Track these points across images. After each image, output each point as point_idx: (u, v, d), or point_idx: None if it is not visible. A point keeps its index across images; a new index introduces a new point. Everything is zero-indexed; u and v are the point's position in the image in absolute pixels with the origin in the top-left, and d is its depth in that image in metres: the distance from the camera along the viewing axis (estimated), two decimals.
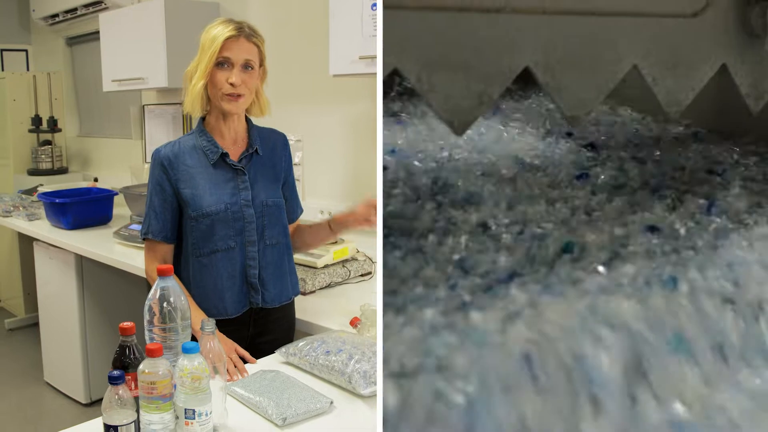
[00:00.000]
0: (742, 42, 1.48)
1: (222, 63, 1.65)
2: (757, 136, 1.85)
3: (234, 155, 1.74)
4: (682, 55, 1.40)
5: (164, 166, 1.70)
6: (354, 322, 1.82)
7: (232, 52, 1.64)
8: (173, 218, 1.72)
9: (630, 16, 1.32)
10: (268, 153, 1.80)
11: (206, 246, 1.70)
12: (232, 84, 1.64)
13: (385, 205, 1.41)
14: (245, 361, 1.62)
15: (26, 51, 5.15)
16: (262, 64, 1.72)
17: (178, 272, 1.73)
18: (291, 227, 1.89)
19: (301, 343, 1.58)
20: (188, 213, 1.70)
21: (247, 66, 1.67)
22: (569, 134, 1.93)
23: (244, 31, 1.66)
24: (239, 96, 1.67)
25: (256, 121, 1.81)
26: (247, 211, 1.72)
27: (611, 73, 1.32)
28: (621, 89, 1.40)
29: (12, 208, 3.65)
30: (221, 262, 1.71)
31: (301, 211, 1.94)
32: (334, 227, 1.86)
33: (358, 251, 2.40)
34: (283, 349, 1.60)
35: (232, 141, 1.75)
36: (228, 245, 1.71)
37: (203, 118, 1.75)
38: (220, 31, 1.64)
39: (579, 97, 1.28)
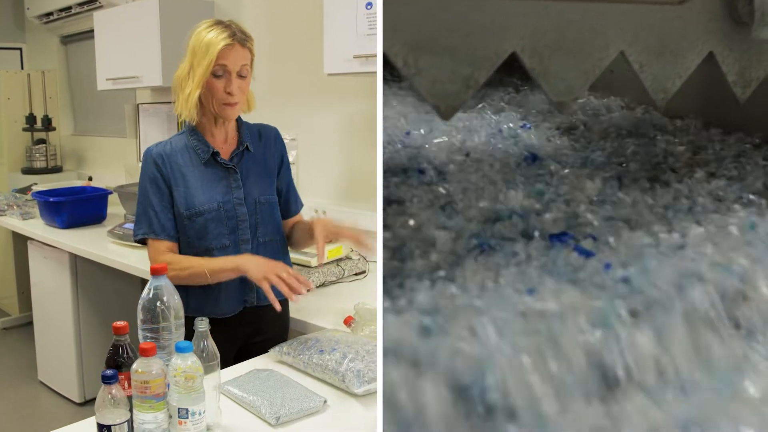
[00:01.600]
0: (730, 30, 1.48)
1: (218, 72, 1.64)
2: (744, 124, 1.86)
3: (225, 154, 1.74)
4: (669, 42, 1.41)
5: (157, 164, 1.70)
6: (348, 321, 1.82)
7: (228, 60, 1.63)
8: (173, 216, 1.71)
9: (618, 2, 1.33)
10: (260, 149, 1.80)
11: (201, 245, 1.70)
12: (229, 93, 1.65)
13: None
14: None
15: (20, 49, 5.14)
16: (251, 63, 1.72)
17: None
18: (291, 221, 1.89)
19: (294, 342, 1.58)
20: (181, 212, 1.69)
21: (242, 72, 1.67)
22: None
23: (238, 37, 1.64)
24: (236, 103, 1.67)
25: (249, 116, 1.81)
26: (240, 209, 1.72)
27: (598, 59, 1.32)
28: (608, 77, 1.41)
29: (6, 207, 3.64)
30: None
31: (301, 205, 1.93)
32: (312, 232, 1.77)
33: (352, 250, 2.40)
34: (276, 348, 1.60)
35: (223, 140, 1.75)
36: (222, 244, 1.71)
37: None
38: (214, 38, 1.62)
39: (566, 82, 1.28)
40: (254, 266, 1.62)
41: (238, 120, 1.79)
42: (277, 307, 1.57)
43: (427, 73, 1.12)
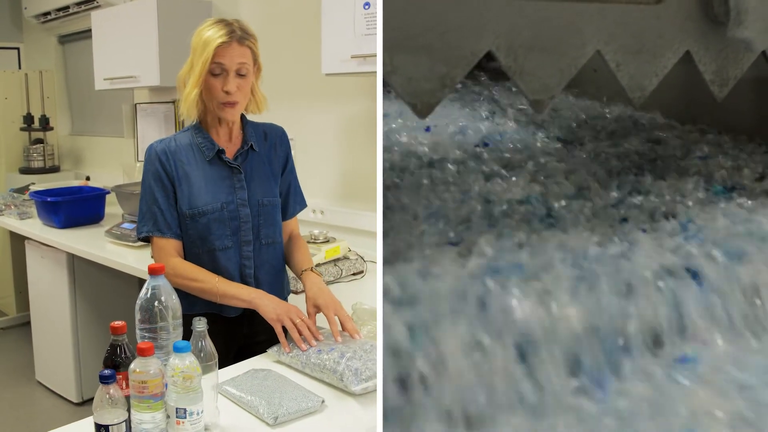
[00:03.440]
0: (706, 29, 1.49)
1: (216, 70, 1.62)
2: (721, 123, 1.88)
3: (230, 153, 1.73)
4: (646, 41, 1.42)
5: (162, 160, 1.68)
6: None
7: (225, 58, 1.61)
8: (177, 214, 1.69)
9: (594, 1, 1.33)
10: (266, 149, 1.78)
11: (204, 245, 1.69)
12: (227, 92, 1.63)
13: None
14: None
15: (18, 49, 5.13)
16: (256, 62, 1.70)
17: None
18: (288, 225, 1.88)
19: (292, 342, 1.58)
20: (184, 211, 1.68)
21: (241, 71, 1.64)
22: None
23: (236, 35, 1.62)
24: (235, 103, 1.65)
25: (254, 116, 1.80)
26: (243, 210, 1.72)
27: (574, 57, 1.32)
28: (590, 76, 1.41)
29: (3, 207, 3.63)
30: (218, 261, 1.70)
31: (301, 207, 1.91)
32: (303, 280, 1.76)
33: (350, 250, 2.40)
34: (275, 347, 1.60)
35: (227, 139, 1.74)
36: (225, 245, 1.70)
37: (198, 117, 1.73)
38: (211, 36, 1.61)
39: (542, 81, 1.29)
40: (269, 305, 1.61)
41: (243, 119, 1.78)
42: (287, 350, 1.56)
43: (403, 71, 1.12)
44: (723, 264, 1.26)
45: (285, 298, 1.84)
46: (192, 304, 1.66)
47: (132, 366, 1.14)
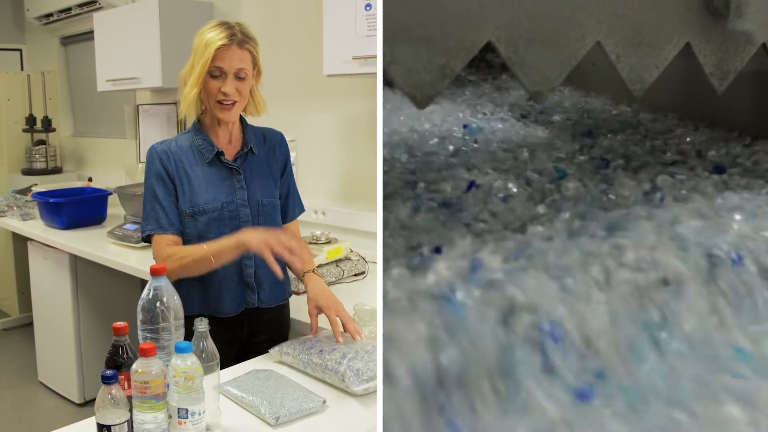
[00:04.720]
0: (706, 21, 1.48)
1: (215, 72, 1.64)
2: (722, 115, 1.87)
3: (229, 155, 1.74)
4: (646, 33, 1.41)
5: (162, 160, 1.69)
6: None
7: (224, 61, 1.63)
8: (179, 212, 1.70)
9: None
10: (264, 152, 1.80)
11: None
12: (224, 93, 1.65)
13: None
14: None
15: (20, 50, 5.14)
16: (255, 65, 1.71)
17: None
18: (289, 228, 1.87)
19: (294, 343, 1.58)
20: (184, 210, 1.69)
21: (240, 74, 1.66)
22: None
23: (236, 38, 1.64)
24: (233, 104, 1.67)
25: (253, 120, 1.81)
26: (243, 210, 1.72)
27: (574, 49, 1.32)
28: (588, 70, 1.40)
29: (6, 208, 3.64)
30: None
31: (300, 211, 1.92)
32: (304, 282, 1.76)
33: (352, 251, 2.41)
34: (276, 348, 1.60)
35: (227, 141, 1.75)
36: None
37: (198, 118, 1.75)
38: (212, 39, 1.63)
39: (542, 73, 1.28)
40: (255, 238, 1.59)
41: (243, 122, 1.79)
42: (279, 273, 1.57)
43: (403, 63, 1.12)
44: None
45: (286, 299, 1.85)
46: (186, 302, 1.66)
47: (134, 366, 1.14)
